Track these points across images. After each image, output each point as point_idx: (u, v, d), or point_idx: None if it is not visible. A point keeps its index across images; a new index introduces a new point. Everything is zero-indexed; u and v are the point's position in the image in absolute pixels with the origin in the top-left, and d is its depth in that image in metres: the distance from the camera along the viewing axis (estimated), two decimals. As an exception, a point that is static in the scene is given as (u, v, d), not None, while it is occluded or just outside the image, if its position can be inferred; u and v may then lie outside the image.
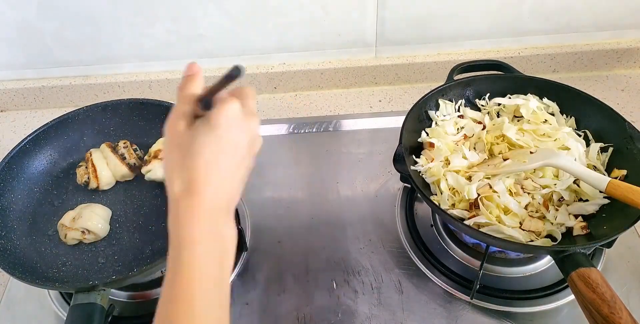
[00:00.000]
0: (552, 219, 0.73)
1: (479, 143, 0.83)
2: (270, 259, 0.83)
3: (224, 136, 0.45)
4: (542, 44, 1.10)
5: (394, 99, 1.13)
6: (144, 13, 0.99)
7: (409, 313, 0.75)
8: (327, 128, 1.05)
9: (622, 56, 1.11)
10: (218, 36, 1.05)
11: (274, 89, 1.15)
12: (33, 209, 0.82)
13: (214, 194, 0.45)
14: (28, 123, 1.13)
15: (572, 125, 0.83)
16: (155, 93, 1.13)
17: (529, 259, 0.80)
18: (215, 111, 0.46)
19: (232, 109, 0.46)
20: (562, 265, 0.63)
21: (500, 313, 0.74)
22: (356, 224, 0.87)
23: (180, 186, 0.45)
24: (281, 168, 0.97)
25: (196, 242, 0.44)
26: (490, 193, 0.73)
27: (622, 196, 0.66)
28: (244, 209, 0.90)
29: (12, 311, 0.79)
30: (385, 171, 0.95)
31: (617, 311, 0.55)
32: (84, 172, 0.85)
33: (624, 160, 0.76)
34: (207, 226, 0.44)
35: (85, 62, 1.09)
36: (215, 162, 0.45)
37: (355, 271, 0.81)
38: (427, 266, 0.80)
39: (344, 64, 1.10)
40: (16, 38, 1.02)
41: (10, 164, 0.81)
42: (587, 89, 0.98)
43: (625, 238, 0.81)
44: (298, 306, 0.77)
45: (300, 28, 1.04)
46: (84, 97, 1.13)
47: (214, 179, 0.45)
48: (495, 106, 0.88)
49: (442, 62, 1.10)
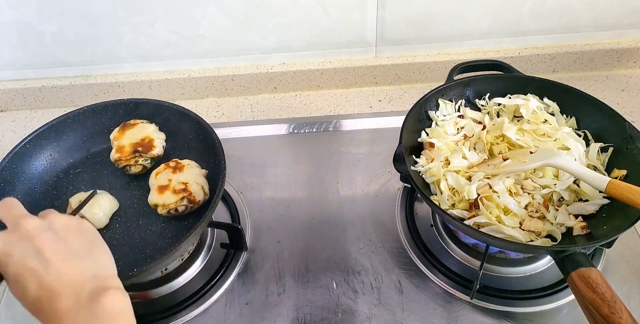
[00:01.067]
0: (552, 219, 0.73)
1: (479, 143, 0.83)
2: (270, 259, 0.83)
3: (14, 269, 0.46)
4: (542, 44, 1.10)
5: (394, 99, 1.13)
6: (144, 13, 0.99)
7: (409, 313, 0.75)
8: (327, 128, 1.05)
9: (622, 56, 1.11)
10: (218, 36, 1.05)
11: (274, 89, 1.15)
12: (33, 209, 0.81)
13: (67, 296, 0.45)
14: (28, 123, 1.13)
15: (573, 125, 0.83)
16: (155, 93, 1.13)
17: (529, 259, 0.80)
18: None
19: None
20: (562, 265, 0.63)
21: (500, 313, 0.74)
22: (356, 224, 0.87)
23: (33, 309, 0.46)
24: (281, 168, 0.97)
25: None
26: (490, 193, 0.73)
27: (622, 196, 0.66)
28: (244, 209, 0.90)
29: (12, 311, 0.79)
30: (385, 171, 0.95)
31: (617, 311, 0.55)
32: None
33: (624, 160, 0.76)
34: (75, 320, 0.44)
35: (85, 62, 1.09)
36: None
37: (355, 271, 0.81)
38: (427, 266, 0.80)
39: (344, 64, 1.10)
40: (16, 38, 1.02)
41: (10, 164, 0.81)
42: (587, 89, 0.98)
43: (625, 238, 0.81)
44: (298, 306, 0.77)
45: (300, 28, 1.04)
46: (84, 97, 1.13)
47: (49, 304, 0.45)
48: (495, 106, 0.88)
49: (442, 62, 1.10)
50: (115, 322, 0.45)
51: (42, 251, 0.46)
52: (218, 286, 0.80)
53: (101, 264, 0.49)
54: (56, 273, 0.46)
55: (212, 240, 0.86)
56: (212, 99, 1.16)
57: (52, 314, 0.44)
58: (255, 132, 1.05)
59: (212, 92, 1.14)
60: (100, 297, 0.45)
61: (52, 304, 0.44)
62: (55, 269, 0.46)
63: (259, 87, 1.14)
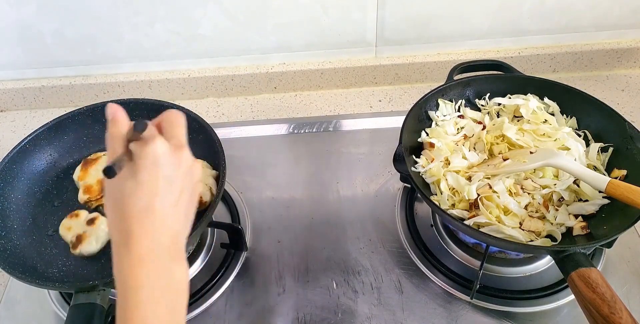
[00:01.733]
0: (552, 219, 0.73)
1: (479, 143, 0.83)
2: (270, 259, 0.83)
3: (151, 178, 0.45)
4: (542, 44, 1.10)
5: (394, 99, 1.13)
6: (144, 13, 0.99)
7: (409, 313, 0.75)
8: (327, 128, 1.05)
9: (622, 56, 1.11)
10: (218, 36, 1.05)
11: (274, 89, 1.15)
12: (33, 209, 0.82)
13: (153, 239, 0.44)
14: (28, 123, 1.13)
15: (573, 125, 0.83)
16: (155, 93, 1.13)
17: (529, 259, 0.80)
18: (138, 155, 0.46)
19: (155, 149, 0.45)
20: (562, 265, 0.63)
21: (500, 313, 0.74)
22: (356, 224, 0.87)
23: (117, 236, 0.45)
24: (281, 168, 0.97)
25: (139, 286, 0.43)
26: (490, 193, 0.73)
27: (622, 196, 0.66)
28: (244, 209, 0.90)
29: (12, 311, 0.79)
30: (385, 171, 0.95)
31: (617, 311, 0.55)
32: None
33: (624, 160, 0.76)
34: (150, 269, 0.43)
35: (85, 62, 1.09)
36: (147, 207, 0.45)
37: (355, 271, 0.81)
38: (427, 266, 0.80)
39: (344, 64, 1.10)
40: (16, 38, 1.02)
41: (10, 164, 0.81)
42: (587, 89, 0.98)
43: (625, 238, 0.81)
44: (298, 306, 0.77)
45: (300, 28, 1.04)
46: (84, 97, 1.13)
47: (149, 224, 0.44)
48: (495, 106, 0.88)
49: (442, 62, 1.10)
50: (179, 293, 0.45)
51: (175, 188, 0.46)
52: (218, 286, 0.80)
53: (187, 225, 0.49)
54: (164, 211, 0.45)
55: (212, 240, 0.86)
56: (212, 99, 1.16)
57: (132, 246, 0.44)
58: (255, 132, 1.05)
59: (212, 92, 1.14)
60: (176, 261, 0.45)
61: (138, 231, 0.44)
62: (168, 208, 0.45)
63: (258, 87, 1.14)
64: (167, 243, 0.45)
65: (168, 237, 0.46)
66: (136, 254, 0.43)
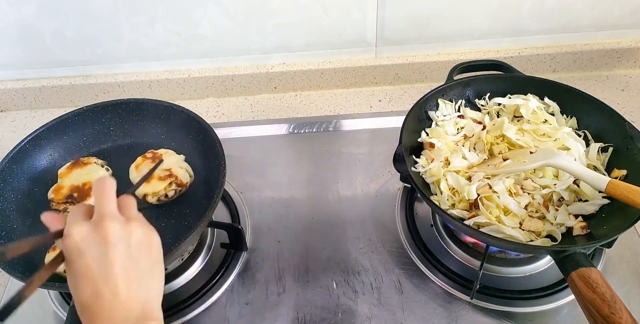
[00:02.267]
0: (552, 219, 0.73)
1: (479, 143, 0.83)
2: (270, 259, 0.83)
3: (80, 267, 0.46)
4: (542, 44, 1.10)
5: (394, 99, 1.13)
6: (144, 13, 0.99)
7: (409, 313, 0.75)
8: (327, 128, 1.05)
9: (622, 56, 1.11)
10: (218, 36, 1.05)
11: (274, 89, 1.15)
12: (33, 209, 0.82)
13: (114, 319, 0.45)
14: (28, 123, 1.13)
15: (573, 125, 0.83)
16: (155, 93, 1.13)
17: (529, 259, 0.80)
18: (63, 250, 0.48)
19: (70, 240, 0.47)
20: (562, 265, 0.63)
21: (500, 313, 0.74)
22: (356, 224, 0.87)
23: (82, 317, 0.46)
24: (281, 168, 0.97)
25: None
26: (490, 193, 0.73)
27: (622, 196, 0.66)
28: (244, 209, 0.90)
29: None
30: (385, 171, 0.95)
31: (617, 311, 0.55)
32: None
33: (624, 160, 0.76)
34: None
35: (85, 62, 1.09)
36: (94, 293, 0.46)
37: (355, 271, 0.81)
38: (427, 266, 0.80)
39: (344, 64, 1.10)
40: (16, 38, 1.02)
41: (10, 164, 0.81)
42: (587, 89, 0.98)
43: (625, 238, 0.81)
44: (298, 306, 0.77)
45: (300, 28, 1.04)
46: (84, 97, 1.13)
47: (103, 308, 0.45)
48: (495, 106, 0.88)
49: (442, 62, 1.10)
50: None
51: (112, 264, 0.46)
52: (218, 286, 0.80)
53: (153, 294, 0.49)
54: (113, 290, 0.46)
55: (212, 240, 0.86)
56: (212, 99, 1.16)
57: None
58: (255, 132, 1.05)
59: (212, 92, 1.15)
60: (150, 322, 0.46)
61: (96, 316, 0.45)
62: (114, 286, 0.46)
63: (258, 87, 1.14)
64: (135, 314, 0.46)
65: (136, 310, 0.46)
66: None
